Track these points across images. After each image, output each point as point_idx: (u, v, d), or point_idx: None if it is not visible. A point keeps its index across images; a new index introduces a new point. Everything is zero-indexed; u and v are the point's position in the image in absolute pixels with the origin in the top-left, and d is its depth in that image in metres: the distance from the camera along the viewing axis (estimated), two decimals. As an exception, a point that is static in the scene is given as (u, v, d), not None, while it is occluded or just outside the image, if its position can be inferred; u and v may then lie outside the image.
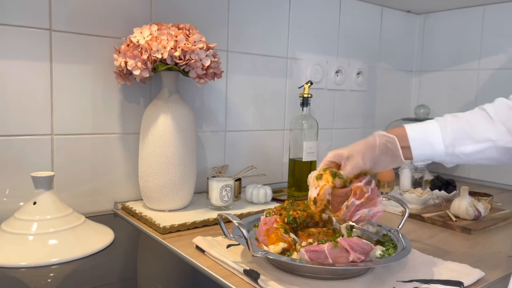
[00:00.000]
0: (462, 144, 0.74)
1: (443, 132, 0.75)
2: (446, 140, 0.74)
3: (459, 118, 0.76)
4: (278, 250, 0.74)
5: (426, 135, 0.75)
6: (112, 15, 1.06)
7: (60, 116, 1.01)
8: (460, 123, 0.75)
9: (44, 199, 0.82)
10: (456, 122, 0.75)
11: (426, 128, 0.76)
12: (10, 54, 0.94)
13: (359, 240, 0.70)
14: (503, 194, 1.46)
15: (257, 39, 1.34)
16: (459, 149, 0.74)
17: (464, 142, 0.74)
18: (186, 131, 1.02)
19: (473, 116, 0.76)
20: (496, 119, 0.74)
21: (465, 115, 0.77)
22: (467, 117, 0.76)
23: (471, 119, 0.75)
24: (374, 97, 1.73)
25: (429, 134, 0.75)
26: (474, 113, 0.77)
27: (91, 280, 0.73)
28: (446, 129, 0.75)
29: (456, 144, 0.74)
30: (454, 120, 0.76)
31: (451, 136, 0.74)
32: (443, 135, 0.74)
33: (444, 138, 0.74)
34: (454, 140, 0.74)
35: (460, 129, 0.74)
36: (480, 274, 0.75)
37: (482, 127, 0.74)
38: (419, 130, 0.76)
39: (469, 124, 0.75)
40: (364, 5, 1.62)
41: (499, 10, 1.59)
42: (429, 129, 0.76)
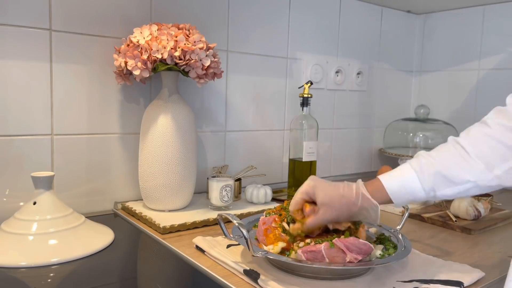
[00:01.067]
0: (442, 189, 0.72)
1: (421, 180, 0.72)
2: (425, 187, 0.72)
3: (434, 160, 0.73)
4: (278, 250, 0.74)
5: (405, 186, 0.73)
6: (112, 15, 1.06)
7: (60, 116, 1.01)
8: (436, 167, 0.72)
9: (44, 199, 0.82)
10: (432, 166, 0.72)
11: (404, 178, 0.73)
12: (10, 54, 0.94)
13: (355, 240, 0.71)
14: (503, 194, 1.46)
15: (257, 39, 1.34)
16: (440, 193, 0.72)
17: (444, 186, 0.72)
18: (186, 131, 1.02)
19: (449, 156, 0.72)
20: (473, 154, 0.70)
21: (439, 155, 0.73)
22: (443, 158, 0.72)
23: (446, 160, 0.72)
24: (374, 97, 1.73)
25: (408, 185, 0.73)
26: (449, 151, 0.73)
27: (91, 280, 0.73)
28: (423, 176, 0.72)
29: (436, 189, 0.72)
30: (429, 163, 0.72)
31: (430, 183, 0.72)
32: (421, 183, 0.72)
33: (423, 185, 0.72)
34: (434, 186, 0.72)
35: (437, 173, 0.71)
36: (480, 274, 0.75)
37: (459, 169, 0.70)
38: (397, 182, 0.74)
39: (445, 166, 0.71)
40: (364, 5, 1.62)
41: (499, 10, 1.59)
42: (407, 179, 0.73)
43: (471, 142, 0.71)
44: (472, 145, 0.71)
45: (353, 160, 1.69)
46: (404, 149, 1.69)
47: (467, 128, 0.75)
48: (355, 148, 1.69)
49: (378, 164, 1.75)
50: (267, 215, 0.82)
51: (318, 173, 1.33)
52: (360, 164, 1.72)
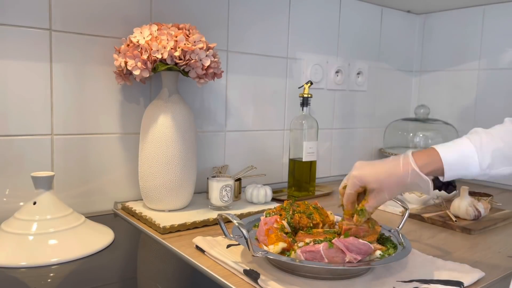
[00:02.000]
0: (499, 167, 0.71)
1: (479, 156, 0.71)
2: (483, 163, 0.71)
3: (494, 137, 0.72)
4: (278, 250, 0.74)
5: (462, 158, 0.71)
6: (112, 15, 1.06)
7: (60, 116, 1.01)
8: (497, 144, 0.71)
9: (44, 199, 0.82)
10: (492, 142, 0.71)
11: (462, 152, 0.72)
12: (10, 54, 0.94)
13: (355, 240, 0.71)
14: (503, 194, 1.46)
15: (257, 39, 1.34)
16: (496, 171, 0.72)
17: (502, 164, 0.71)
18: (186, 131, 1.02)
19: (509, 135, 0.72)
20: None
21: (499, 133, 0.72)
22: (502, 136, 0.72)
23: (508, 139, 0.71)
24: (374, 97, 1.73)
25: (465, 158, 0.71)
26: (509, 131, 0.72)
27: (91, 280, 0.73)
28: (483, 151, 0.71)
29: (493, 167, 0.71)
30: (489, 139, 0.72)
31: (489, 159, 0.71)
32: (480, 158, 0.71)
33: (481, 161, 0.71)
34: (492, 163, 0.71)
35: (497, 150, 0.70)
36: (480, 274, 0.75)
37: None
38: (455, 155, 0.72)
39: (507, 145, 0.71)
40: (364, 5, 1.62)
41: (499, 10, 1.59)
42: (465, 152, 0.71)
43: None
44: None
45: (353, 160, 1.67)
46: (404, 149, 1.69)
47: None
48: (355, 148, 1.69)
49: (378, 164, 1.75)
50: (267, 215, 0.83)
51: (318, 173, 1.33)
52: (360, 164, 1.71)
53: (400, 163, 0.73)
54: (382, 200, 0.75)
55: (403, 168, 0.72)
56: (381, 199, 0.74)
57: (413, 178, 0.72)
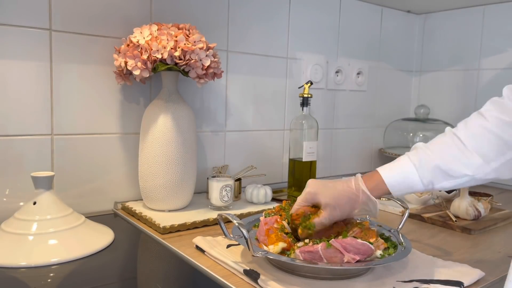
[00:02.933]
0: (440, 182, 0.73)
1: (420, 175, 0.73)
2: (424, 180, 0.73)
3: (433, 153, 0.74)
4: (278, 250, 0.74)
5: (404, 179, 0.74)
6: (112, 15, 1.06)
7: (60, 116, 1.01)
8: (435, 161, 0.73)
9: (44, 199, 0.82)
10: (431, 161, 0.73)
11: (403, 173, 0.74)
12: (10, 54, 0.94)
13: (353, 241, 0.71)
14: (503, 194, 1.46)
15: (257, 39, 1.34)
16: (438, 185, 0.74)
17: (442, 180, 0.73)
18: (186, 131, 1.02)
19: (447, 150, 0.73)
20: (470, 147, 0.71)
21: (438, 148, 0.74)
22: (441, 152, 0.73)
23: (445, 154, 0.73)
24: (374, 97, 1.73)
25: (407, 178, 0.74)
26: (447, 144, 0.74)
27: (91, 280, 0.73)
28: (423, 171, 0.73)
29: (435, 183, 0.74)
30: (428, 157, 0.74)
31: (428, 176, 0.73)
32: (420, 177, 0.73)
33: (422, 180, 0.73)
34: (433, 179, 0.73)
35: (436, 167, 0.73)
36: (480, 274, 0.75)
37: (458, 163, 0.72)
38: (397, 176, 0.75)
39: (444, 161, 0.72)
40: (364, 5, 1.62)
41: (499, 10, 1.59)
42: (406, 174, 0.74)
43: (468, 135, 0.72)
44: (469, 138, 0.72)
45: (353, 160, 1.69)
46: (404, 149, 1.69)
47: (464, 119, 0.76)
48: (355, 148, 1.69)
49: (378, 164, 1.73)
50: (266, 215, 0.82)
51: (318, 173, 1.33)
52: (360, 164, 1.72)
53: (352, 184, 0.76)
54: (335, 216, 0.75)
55: (355, 188, 0.75)
56: (333, 215, 0.75)
57: (363, 198, 0.75)
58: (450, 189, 0.76)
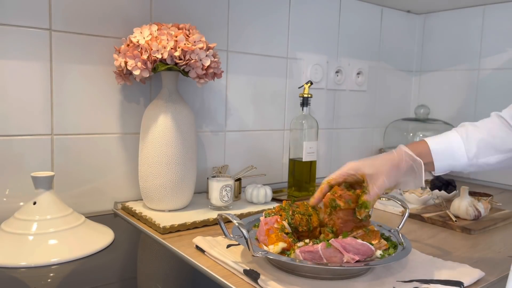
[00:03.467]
0: (485, 156, 0.74)
1: (466, 144, 0.74)
2: (469, 152, 0.74)
3: (479, 128, 0.75)
4: (278, 250, 0.74)
5: (449, 148, 0.74)
6: (112, 15, 1.06)
7: (60, 116, 1.01)
8: (482, 134, 0.74)
9: (44, 199, 0.82)
10: (478, 133, 0.74)
11: (449, 141, 0.75)
12: (10, 54, 0.94)
13: (353, 241, 0.71)
14: (503, 194, 1.46)
15: (257, 39, 1.34)
16: (483, 160, 0.74)
17: (488, 153, 0.74)
18: (186, 131, 1.02)
19: (493, 126, 0.75)
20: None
21: (484, 125, 0.76)
22: (488, 127, 0.75)
23: (491, 129, 0.74)
24: (374, 97, 1.73)
25: (452, 147, 0.74)
26: (493, 122, 0.76)
27: (91, 280, 0.73)
28: (469, 141, 0.74)
29: (479, 156, 0.74)
30: (475, 130, 0.75)
31: (474, 148, 0.74)
32: (466, 147, 0.74)
33: (468, 150, 0.74)
34: (478, 152, 0.74)
35: (482, 140, 0.74)
36: (480, 274, 0.75)
37: (505, 137, 0.73)
38: (442, 143, 0.75)
39: (491, 134, 0.74)
40: (364, 5, 1.62)
41: (499, 10, 1.59)
42: (452, 142, 0.75)
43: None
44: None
45: (353, 160, 1.69)
46: (404, 149, 1.69)
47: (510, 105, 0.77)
48: (355, 148, 1.69)
49: (378, 164, 1.75)
50: (266, 215, 0.82)
51: (318, 173, 1.33)
52: (360, 164, 1.71)
53: (394, 152, 0.76)
54: (382, 185, 0.74)
55: (397, 154, 0.75)
56: (381, 184, 0.74)
57: (407, 161, 0.74)
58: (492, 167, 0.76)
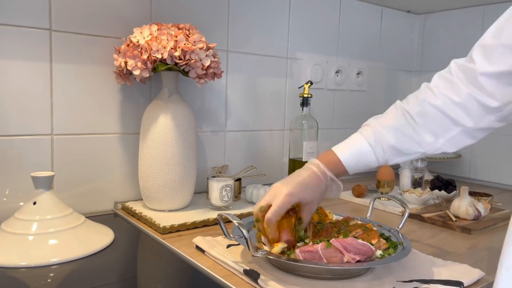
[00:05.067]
0: (394, 159, 0.79)
1: (376, 153, 0.77)
2: (379, 158, 0.78)
3: (387, 132, 0.77)
4: (278, 250, 0.74)
5: (361, 159, 0.78)
6: (112, 15, 1.06)
7: (60, 116, 1.01)
8: (390, 141, 0.76)
9: (44, 199, 0.82)
10: (386, 140, 0.77)
11: (360, 152, 0.78)
12: (10, 54, 0.94)
13: (353, 241, 0.71)
14: (503, 194, 1.46)
15: (257, 39, 1.34)
16: (392, 162, 0.79)
17: (396, 156, 0.78)
18: (186, 131, 1.02)
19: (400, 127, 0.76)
20: (421, 124, 0.75)
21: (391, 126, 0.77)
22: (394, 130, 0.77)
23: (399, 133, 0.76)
24: (374, 97, 1.73)
25: (363, 157, 0.78)
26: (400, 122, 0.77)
27: (91, 280, 0.73)
28: (378, 150, 0.77)
29: (389, 160, 0.78)
30: (382, 136, 0.77)
31: (383, 154, 0.77)
32: (376, 155, 0.77)
33: (378, 157, 0.78)
34: (386, 157, 0.78)
35: (391, 147, 0.77)
36: (480, 274, 0.75)
37: (411, 142, 0.76)
38: (353, 156, 0.78)
39: (399, 140, 0.76)
40: (364, 5, 1.62)
41: (499, 10, 1.58)
42: (363, 153, 0.78)
43: (419, 112, 0.76)
44: (420, 115, 0.75)
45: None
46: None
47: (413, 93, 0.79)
48: (355, 148, 1.69)
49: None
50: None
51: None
52: (360, 164, 1.71)
53: (318, 172, 0.78)
54: (313, 211, 0.79)
55: (323, 177, 0.78)
56: (312, 210, 0.79)
57: (329, 184, 0.79)
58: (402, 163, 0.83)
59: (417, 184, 1.35)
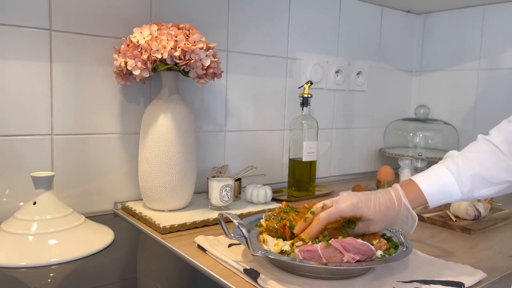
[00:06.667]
0: (479, 190, 0.73)
1: (459, 182, 0.72)
2: (463, 189, 0.72)
3: (471, 161, 0.73)
4: (278, 250, 0.74)
5: (443, 189, 0.73)
6: (112, 15, 1.06)
7: (60, 116, 1.01)
8: (474, 168, 0.72)
9: (44, 199, 0.82)
10: (469, 167, 0.72)
11: (442, 182, 0.73)
12: (10, 54, 0.94)
13: (353, 240, 0.70)
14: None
15: (257, 39, 1.34)
16: (477, 194, 0.73)
17: (482, 187, 0.73)
18: (186, 131, 1.02)
19: (484, 156, 0.73)
20: (507, 153, 0.71)
21: (475, 156, 0.73)
22: (478, 158, 0.73)
23: (483, 161, 0.72)
24: (374, 97, 1.73)
25: (446, 187, 0.73)
26: (483, 151, 0.73)
27: (91, 280, 0.73)
28: (461, 177, 0.72)
29: (474, 191, 0.73)
30: (466, 164, 0.73)
31: (468, 184, 0.72)
32: (459, 185, 0.72)
33: (461, 188, 0.72)
34: (472, 187, 0.72)
35: (475, 175, 0.72)
36: (481, 275, 0.75)
37: (497, 169, 0.71)
38: (434, 185, 0.73)
39: (483, 167, 0.72)
40: (364, 5, 1.62)
41: (499, 10, 1.59)
42: (445, 182, 0.73)
43: (504, 140, 0.72)
44: (505, 143, 0.72)
45: (353, 160, 1.69)
46: (404, 149, 1.69)
47: (495, 127, 0.75)
48: (355, 148, 1.69)
49: (378, 164, 1.75)
50: (267, 218, 0.82)
51: (318, 173, 1.33)
52: (360, 164, 1.72)
53: (394, 198, 0.74)
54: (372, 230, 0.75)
55: (397, 203, 0.73)
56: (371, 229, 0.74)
57: (404, 213, 0.73)
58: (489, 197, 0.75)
59: (417, 184, 1.34)
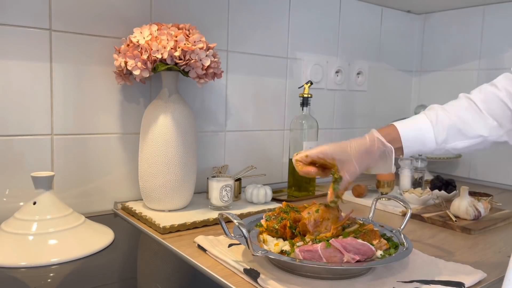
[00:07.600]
0: (453, 141, 0.75)
1: (435, 131, 0.74)
2: (438, 138, 0.74)
3: (449, 113, 0.75)
4: (278, 250, 0.74)
5: (419, 134, 0.75)
6: (112, 15, 1.06)
7: (60, 116, 1.01)
8: (452, 120, 0.74)
9: (44, 199, 0.82)
10: (447, 118, 0.74)
11: (419, 126, 0.75)
12: (10, 54, 0.94)
13: (353, 240, 0.70)
14: (503, 194, 1.46)
15: (257, 39, 1.34)
16: (451, 145, 0.75)
17: (456, 139, 0.74)
18: (186, 131, 1.02)
19: (463, 111, 0.75)
20: (484, 111, 0.73)
21: (454, 109, 0.75)
22: (457, 112, 0.75)
23: (462, 115, 0.74)
24: (374, 97, 1.73)
25: (422, 133, 0.75)
26: (463, 106, 0.75)
27: (91, 280, 0.73)
28: (438, 127, 0.74)
29: (448, 141, 0.74)
30: (444, 115, 0.75)
31: (443, 134, 0.74)
32: (435, 133, 0.74)
33: (437, 136, 0.74)
34: (447, 137, 0.74)
35: (452, 126, 0.74)
36: (481, 276, 0.75)
37: (474, 123, 0.73)
38: (412, 129, 0.75)
39: (461, 120, 0.74)
40: (364, 5, 1.62)
41: (499, 10, 1.59)
42: (422, 128, 0.75)
43: (482, 99, 0.74)
44: (484, 102, 0.74)
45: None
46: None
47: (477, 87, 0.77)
48: (355, 148, 1.69)
49: (378, 164, 1.75)
50: (267, 218, 0.82)
51: (318, 173, 1.33)
52: (360, 164, 1.71)
53: (367, 137, 0.76)
54: (354, 172, 0.75)
55: (369, 139, 0.75)
56: (352, 171, 0.75)
57: (379, 146, 0.74)
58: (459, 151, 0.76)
59: (417, 184, 1.35)
